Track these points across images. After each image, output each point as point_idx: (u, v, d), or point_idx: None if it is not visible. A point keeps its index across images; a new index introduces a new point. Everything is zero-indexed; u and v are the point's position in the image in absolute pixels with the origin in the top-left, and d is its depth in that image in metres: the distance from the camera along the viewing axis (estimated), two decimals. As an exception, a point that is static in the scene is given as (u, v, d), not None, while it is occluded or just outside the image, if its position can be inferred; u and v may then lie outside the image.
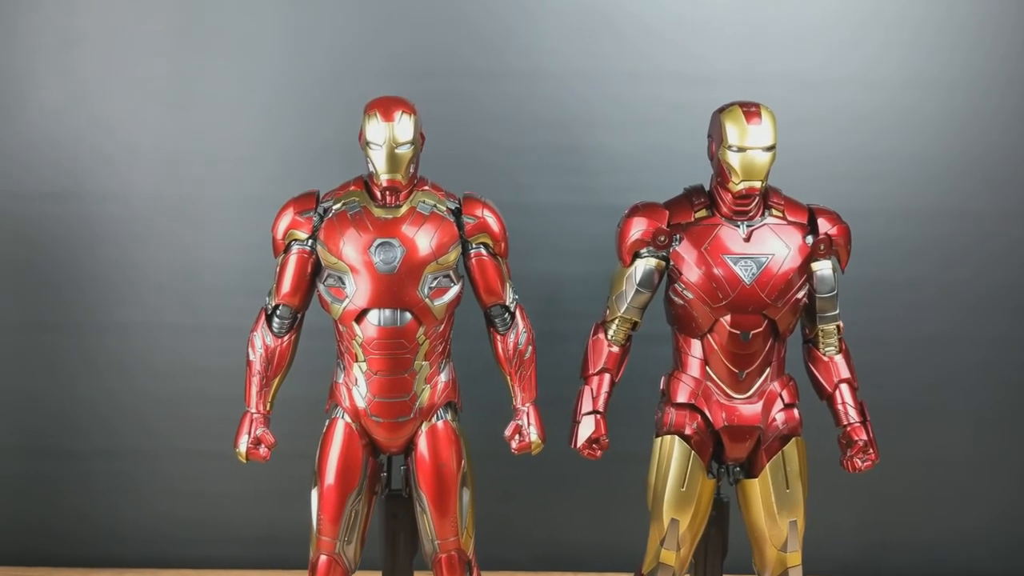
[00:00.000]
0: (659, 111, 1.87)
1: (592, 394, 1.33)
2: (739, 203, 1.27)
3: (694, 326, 1.29)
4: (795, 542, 1.32)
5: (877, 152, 1.85)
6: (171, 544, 1.94)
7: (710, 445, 1.32)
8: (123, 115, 1.85)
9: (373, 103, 1.27)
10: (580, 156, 1.89)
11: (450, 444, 1.31)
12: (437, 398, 1.30)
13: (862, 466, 1.32)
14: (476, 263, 1.32)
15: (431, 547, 1.32)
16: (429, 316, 1.27)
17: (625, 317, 1.33)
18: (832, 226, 1.30)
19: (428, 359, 1.29)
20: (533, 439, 1.33)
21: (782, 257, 1.27)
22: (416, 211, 1.28)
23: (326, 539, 1.29)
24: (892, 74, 1.82)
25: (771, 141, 1.24)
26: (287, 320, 1.32)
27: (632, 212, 1.33)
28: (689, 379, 1.31)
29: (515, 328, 1.34)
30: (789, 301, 1.28)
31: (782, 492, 1.31)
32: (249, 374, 1.32)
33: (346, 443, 1.29)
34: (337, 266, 1.27)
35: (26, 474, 1.92)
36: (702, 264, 1.27)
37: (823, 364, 1.35)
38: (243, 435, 1.31)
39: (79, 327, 1.89)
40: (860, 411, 1.33)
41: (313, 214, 1.29)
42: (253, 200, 1.87)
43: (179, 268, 1.89)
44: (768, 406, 1.30)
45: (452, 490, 1.30)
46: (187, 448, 1.92)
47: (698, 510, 1.32)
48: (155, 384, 1.91)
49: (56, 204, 1.87)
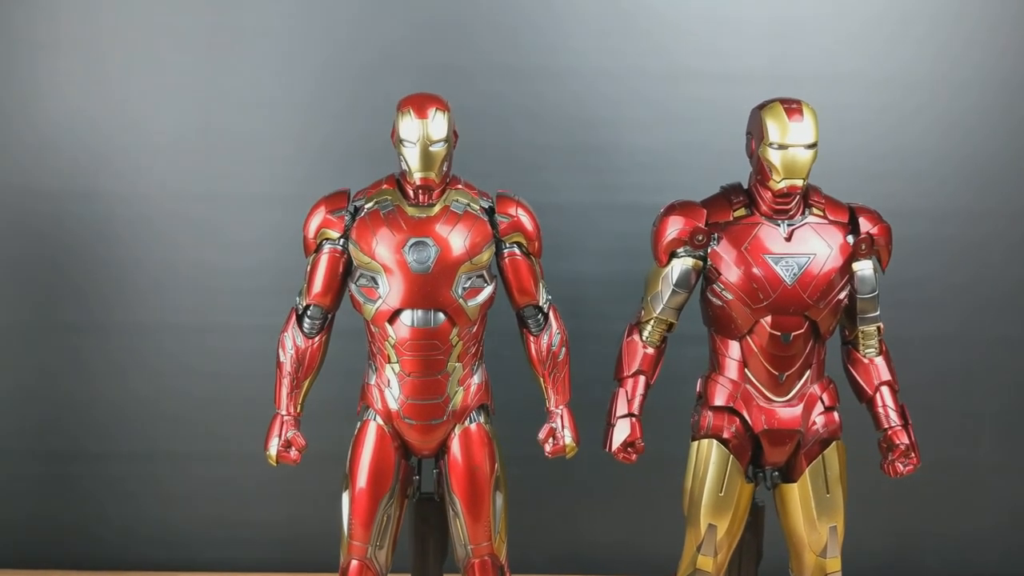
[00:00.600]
0: (685, 109, 1.84)
1: (627, 396, 1.30)
2: (779, 202, 1.24)
3: (733, 327, 1.27)
4: (835, 548, 1.29)
5: (881, 152, 1.82)
6: (190, 547, 1.92)
7: (749, 449, 1.29)
8: (145, 114, 1.83)
9: (406, 100, 1.25)
10: (605, 155, 1.87)
11: (483, 447, 1.28)
12: (470, 400, 1.28)
13: (904, 470, 1.29)
14: (509, 263, 1.29)
15: (464, 552, 1.29)
16: (463, 317, 1.25)
17: (661, 318, 1.31)
18: (873, 225, 1.28)
19: (461, 360, 1.27)
20: (568, 442, 1.31)
21: (824, 257, 1.24)
22: (450, 210, 1.26)
23: (357, 543, 1.27)
24: (898, 73, 1.79)
25: (813, 139, 1.22)
26: (318, 320, 1.30)
27: (668, 211, 1.30)
28: (727, 381, 1.29)
29: (548, 329, 1.32)
30: (831, 302, 1.25)
31: (822, 497, 1.28)
32: (279, 375, 1.30)
33: (378, 446, 1.27)
34: (370, 266, 1.24)
35: (40, 476, 1.90)
36: (742, 264, 1.24)
37: (863, 366, 1.32)
38: (273, 438, 1.29)
39: (102, 328, 1.87)
40: (901, 414, 1.31)
41: (345, 213, 1.27)
42: (277, 200, 1.85)
43: (204, 268, 1.87)
44: (808, 409, 1.28)
45: (486, 494, 1.27)
46: (208, 449, 1.91)
47: (736, 515, 1.29)
48: (179, 384, 1.89)
49: (77, 203, 1.85)
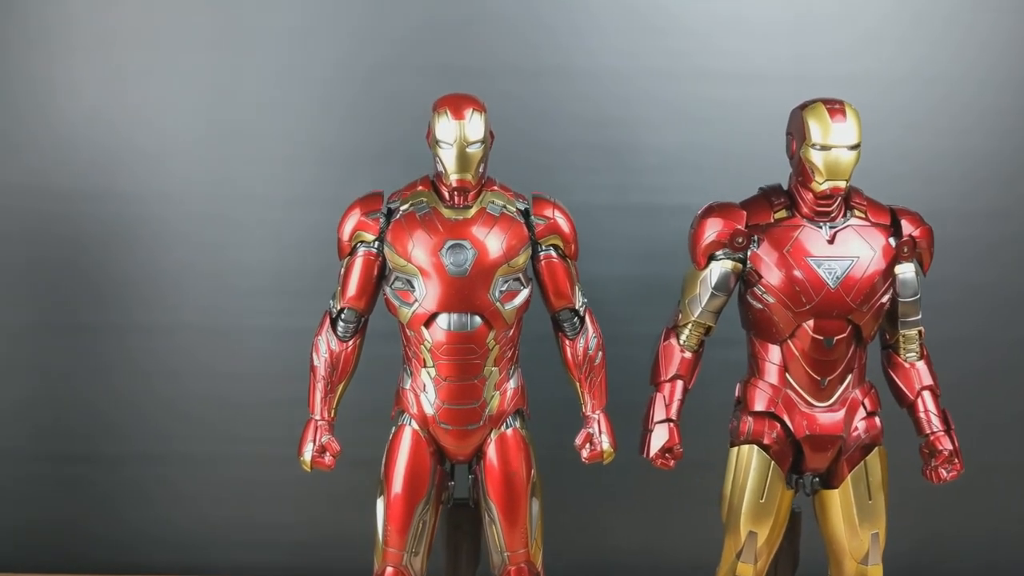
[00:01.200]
0: (700, 110, 1.82)
1: (664, 401, 1.28)
2: (821, 203, 1.22)
3: (774, 331, 1.25)
4: (876, 555, 1.27)
5: (903, 152, 1.81)
6: (207, 550, 1.91)
7: (790, 455, 1.27)
8: (160, 115, 1.81)
9: (443, 100, 1.23)
10: (620, 156, 1.85)
11: (520, 452, 1.26)
12: (506, 405, 1.26)
13: (947, 476, 1.27)
14: (545, 265, 1.27)
15: (499, 559, 1.28)
16: (500, 320, 1.23)
17: (699, 322, 1.29)
18: (916, 228, 1.26)
19: (498, 364, 1.25)
20: (605, 448, 1.29)
21: (867, 260, 1.22)
22: (486, 212, 1.24)
23: (393, 551, 1.25)
24: (914, 71, 1.77)
25: (856, 139, 1.20)
26: (352, 324, 1.28)
27: (707, 212, 1.28)
28: (767, 386, 1.27)
29: (585, 333, 1.30)
30: (874, 306, 1.23)
31: (864, 503, 1.27)
32: (313, 380, 1.28)
33: (414, 451, 1.25)
34: (406, 269, 1.23)
35: (56, 478, 1.88)
36: (784, 267, 1.22)
37: (904, 371, 1.30)
38: (308, 443, 1.27)
39: (116, 328, 1.86)
40: (944, 419, 1.29)
41: (380, 215, 1.25)
42: (293, 201, 1.84)
43: (218, 268, 1.85)
44: (851, 414, 1.26)
45: (522, 500, 1.26)
46: (224, 451, 1.89)
47: (776, 522, 1.27)
48: (193, 386, 1.87)
49: (92, 203, 1.83)
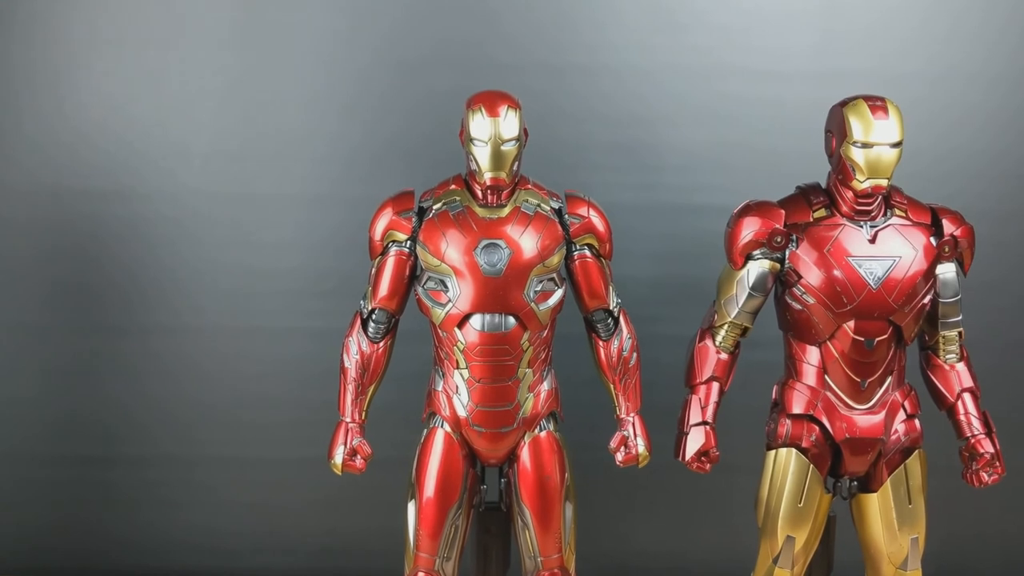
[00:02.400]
0: (726, 107, 1.80)
1: (700, 404, 1.26)
2: (862, 202, 1.20)
3: (813, 332, 1.23)
4: (915, 560, 1.25)
5: (942, 152, 1.79)
6: (232, 554, 1.89)
7: (828, 458, 1.25)
8: (175, 112, 1.79)
9: (477, 97, 1.21)
10: (645, 154, 1.83)
11: (554, 456, 1.24)
12: (540, 407, 1.24)
13: (989, 480, 1.25)
14: (579, 265, 1.25)
15: (532, 564, 1.25)
16: (534, 321, 1.21)
17: (735, 323, 1.27)
18: (957, 227, 1.24)
19: (532, 366, 1.23)
20: (641, 451, 1.27)
21: (909, 260, 1.20)
22: (521, 211, 1.22)
23: (424, 555, 1.23)
24: (954, 69, 1.75)
25: (898, 137, 1.18)
26: (383, 325, 1.26)
27: (744, 211, 1.26)
28: (805, 388, 1.25)
29: (619, 334, 1.28)
30: (916, 306, 1.21)
31: (904, 507, 1.25)
32: (344, 381, 1.26)
33: (446, 454, 1.23)
34: (439, 268, 1.20)
35: (75, 480, 1.87)
36: (824, 267, 1.20)
37: (943, 372, 1.28)
38: (338, 446, 1.25)
39: (129, 330, 1.84)
40: (984, 422, 1.27)
41: (412, 214, 1.23)
42: (313, 200, 1.82)
43: (240, 269, 1.83)
44: (891, 417, 1.24)
45: (556, 504, 1.24)
46: (243, 454, 1.87)
47: (814, 527, 1.25)
48: (209, 390, 1.86)
49: (112, 203, 1.81)
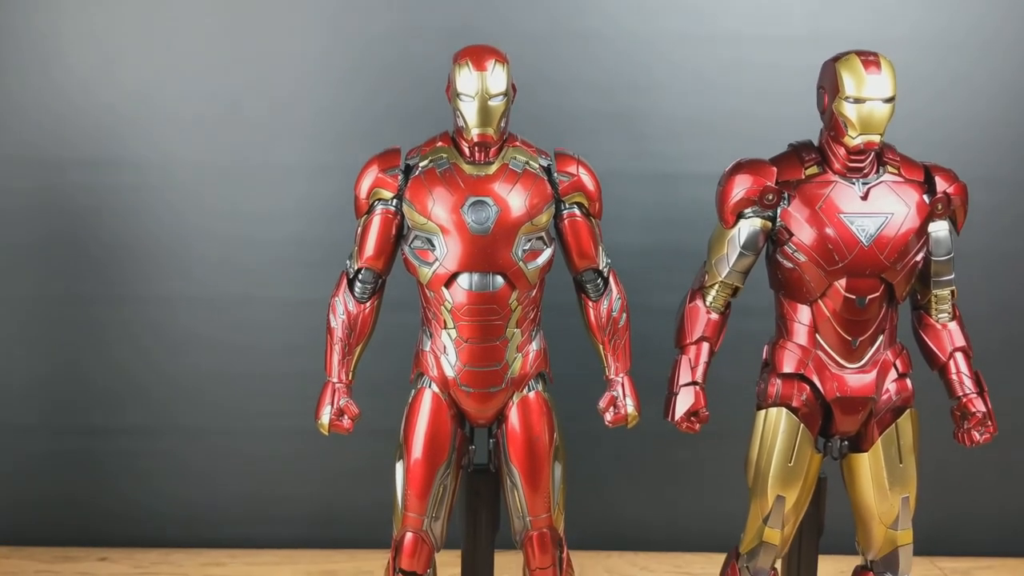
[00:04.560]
0: (722, 74, 1.79)
1: (690, 364, 1.25)
2: (854, 159, 1.18)
3: (804, 291, 1.21)
4: (907, 519, 1.25)
5: (936, 117, 1.77)
6: (221, 523, 1.88)
7: (819, 418, 1.24)
8: (164, 81, 1.77)
9: (463, 52, 1.19)
10: (639, 122, 1.82)
11: (543, 416, 1.23)
12: (529, 368, 1.23)
13: (980, 439, 1.25)
14: (569, 224, 1.24)
15: (521, 524, 1.25)
16: (523, 280, 1.19)
17: (726, 282, 1.25)
18: (950, 184, 1.23)
19: (520, 326, 1.21)
20: (630, 411, 1.26)
21: (902, 217, 1.19)
22: (508, 168, 1.20)
23: (413, 515, 1.22)
24: (942, 35, 1.74)
25: (891, 92, 1.16)
26: (370, 285, 1.24)
27: (735, 169, 1.24)
28: (796, 348, 1.24)
29: (609, 294, 1.27)
30: (908, 264, 1.20)
31: (895, 467, 1.24)
32: (330, 342, 1.25)
33: (434, 414, 1.22)
34: (426, 227, 1.19)
35: (72, 452, 1.86)
36: (816, 224, 1.19)
37: (936, 332, 1.27)
38: (325, 406, 1.23)
39: (120, 300, 1.83)
40: (976, 381, 1.26)
41: (398, 172, 1.21)
42: (304, 171, 1.80)
43: (224, 239, 1.82)
44: (882, 376, 1.23)
45: (545, 464, 1.23)
46: (237, 426, 1.86)
47: (805, 486, 1.25)
48: (200, 360, 1.84)
49: (92, 173, 1.79)
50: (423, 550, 1.23)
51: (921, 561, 1.80)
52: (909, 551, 1.26)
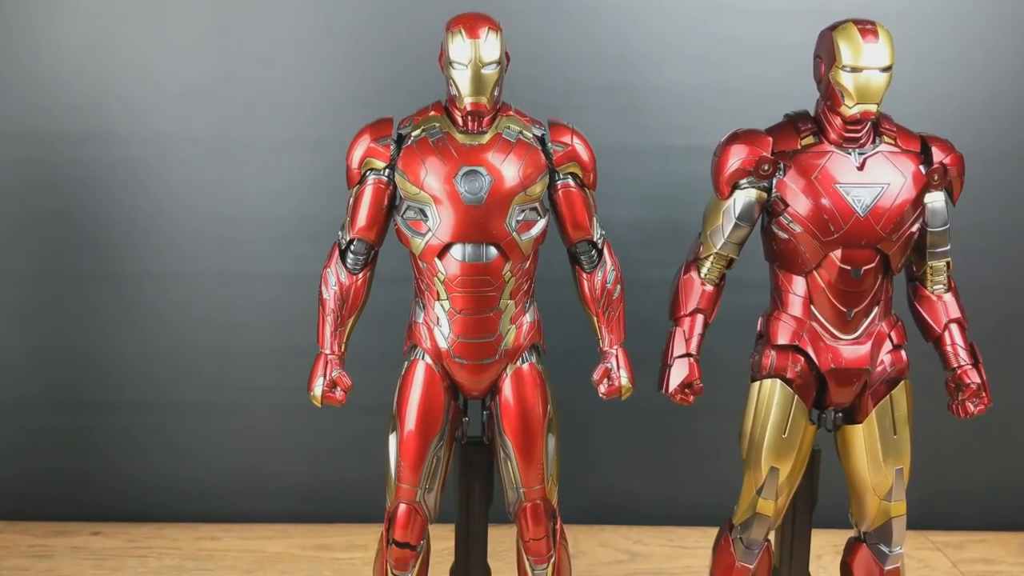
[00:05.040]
0: (712, 47, 1.77)
1: (684, 336, 1.24)
2: (851, 129, 1.17)
3: (799, 262, 1.21)
4: (900, 491, 1.25)
5: (938, 94, 1.76)
6: (214, 498, 1.88)
7: (813, 389, 1.24)
8: (157, 54, 1.75)
9: (456, 19, 1.17)
10: (637, 94, 1.80)
11: (536, 388, 1.23)
12: (522, 339, 1.22)
13: (975, 410, 1.24)
14: (563, 195, 1.23)
15: (515, 495, 1.24)
16: (516, 251, 1.19)
17: (721, 254, 1.25)
18: (946, 155, 1.22)
19: (513, 298, 1.21)
20: (624, 383, 1.25)
21: (898, 187, 1.18)
22: (502, 138, 1.19)
23: (406, 487, 1.22)
24: (943, 11, 1.73)
25: (888, 61, 1.15)
26: (362, 256, 1.23)
27: (731, 139, 1.23)
28: (791, 319, 1.23)
29: (603, 266, 1.26)
30: (904, 235, 1.19)
31: (889, 438, 1.24)
32: (322, 313, 1.24)
33: (427, 386, 1.21)
34: (418, 197, 1.18)
35: (65, 428, 1.86)
36: (811, 194, 1.18)
37: (931, 303, 1.27)
38: (318, 378, 1.22)
39: (112, 276, 1.82)
40: (971, 352, 1.26)
41: (390, 141, 1.20)
42: (296, 146, 1.78)
43: (216, 215, 1.81)
44: (877, 347, 1.22)
45: (539, 436, 1.22)
46: (228, 401, 1.86)
47: (798, 458, 1.24)
48: (194, 335, 1.84)
49: (83, 147, 1.78)
50: (416, 521, 1.22)
51: (914, 535, 1.80)
52: (902, 522, 1.26)
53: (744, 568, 1.29)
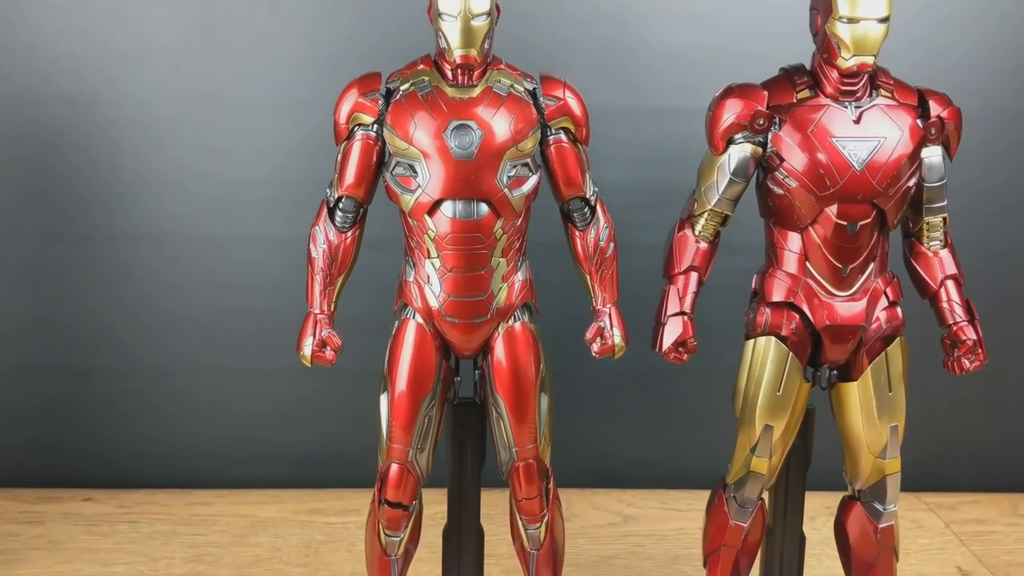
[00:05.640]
0: (708, 6, 1.75)
1: (678, 294, 1.23)
2: (847, 82, 1.15)
3: (795, 218, 1.19)
4: (895, 448, 1.24)
5: (938, 48, 1.74)
6: (206, 464, 1.87)
7: (808, 347, 1.22)
8: (142, 12, 1.72)
9: None
10: (631, 54, 1.78)
11: (529, 347, 1.21)
12: (515, 298, 1.21)
13: (970, 367, 1.23)
14: (555, 150, 1.20)
15: (507, 455, 1.23)
16: (508, 208, 1.17)
17: (715, 210, 1.23)
18: (944, 108, 1.20)
19: (505, 255, 1.19)
20: (617, 342, 1.24)
21: (894, 141, 1.16)
22: (492, 91, 1.16)
23: (398, 447, 1.20)
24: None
25: (886, 11, 1.13)
26: (351, 214, 1.21)
27: (726, 94, 1.21)
28: (786, 276, 1.21)
29: (596, 223, 1.24)
30: (900, 189, 1.17)
31: (884, 395, 1.23)
32: (311, 272, 1.22)
33: (418, 345, 1.19)
34: (407, 152, 1.15)
35: (55, 394, 1.84)
36: (807, 149, 1.16)
37: (927, 259, 1.25)
38: (307, 337, 1.20)
39: (100, 239, 1.79)
40: (967, 309, 1.24)
41: (379, 96, 1.17)
42: (285, 106, 1.75)
43: (207, 177, 1.78)
44: (872, 304, 1.21)
45: (531, 395, 1.21)
46: (219, 366, 1.84)
47: (793, 416, 1.23)
48: (184, 299, 1.82)
49: (68, 108, 1.74)
50: (408, 481, 1.21)
51: (907, 497, 1.81)
52: (897, 480, 1.26)
53: (738, 527, 1.29)
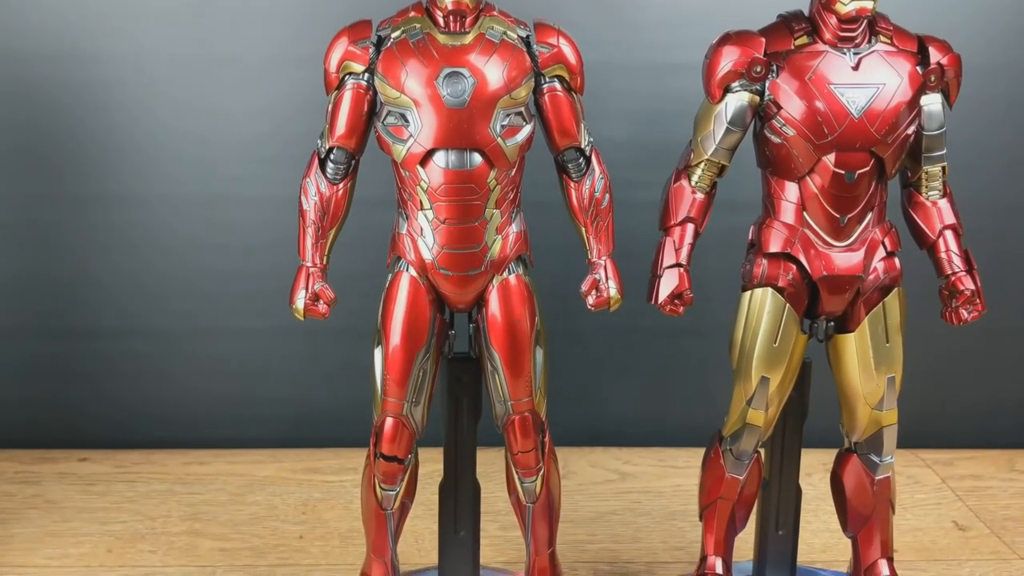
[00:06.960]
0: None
1: (675, 245, 1.22)
2: (846, 27, 1.13)
3: (792, 167, 1.17)
4: (892, 399, 1.23)
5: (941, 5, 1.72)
6: (203, 424, 1.87)
7: (805, 298, 1.21)
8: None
9: None
10: (621, 9, 1.75)
11: (524, 300, 1.20)
12: (509, 250, 1.19)
13: (968, 317, 1.22)
14: (549, 99, 1.18)
15: (503, 408, 1.23)
16: (502, 158, 1.15)
17: (712, 160, 1.21)
18: (943, 55, 1.18)
19: (499, 207, 1.17)
20: (612, 294, 1.23)
21: (893, 87, 1.14)
22: (485, 38, 1.14)
23: (392, 400, 1.20)
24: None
25: (886, -45, 1.11)
26: (342, 165, 1.19)
27: (722, 41, 1.19)
28: (783, 227, 1.20)
29: (591, 174, 1.22)
30: (899, 137, 1.15)
31: (881, 346, 1.22)
32: (302, 224, 1.20)
33: (412, 298, 1.18)
34: (399, 101, 1.13)
35: (52, 354, 1.83)
36: (805, 96, 1.14)
37: (925, 209, 1.24)
38: (300, 290, 1.19)
39: (93, 199, 1.78)
40: (965, 259, 1.23)
41: (369, 43, 1.15)
42: (276, 61, 1.73)
43: (198, 136, 1.76)
44: (870, 254, 1.20)
45: (526, 348, 1.20)
46: (215, 326, 1.83)
47: (789, 367, 1.23)
48: (179, 259, 1.81)
49: (57, 67, 1.72)
50: (404, 435, 1.21)
51: (903, 453, 1.81)
52: (893, 432, 1.25)
53: (734, 479, 1.29)
